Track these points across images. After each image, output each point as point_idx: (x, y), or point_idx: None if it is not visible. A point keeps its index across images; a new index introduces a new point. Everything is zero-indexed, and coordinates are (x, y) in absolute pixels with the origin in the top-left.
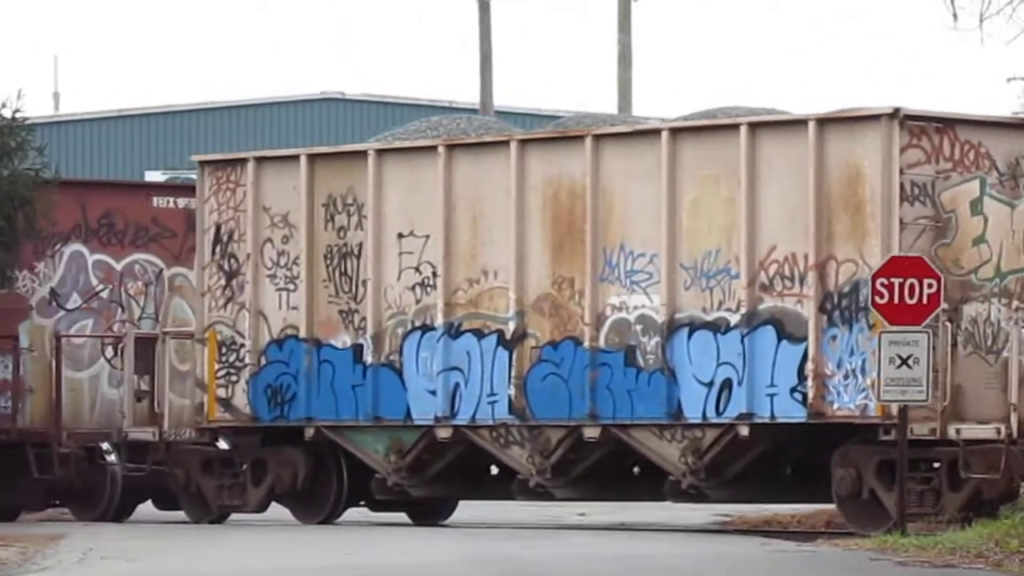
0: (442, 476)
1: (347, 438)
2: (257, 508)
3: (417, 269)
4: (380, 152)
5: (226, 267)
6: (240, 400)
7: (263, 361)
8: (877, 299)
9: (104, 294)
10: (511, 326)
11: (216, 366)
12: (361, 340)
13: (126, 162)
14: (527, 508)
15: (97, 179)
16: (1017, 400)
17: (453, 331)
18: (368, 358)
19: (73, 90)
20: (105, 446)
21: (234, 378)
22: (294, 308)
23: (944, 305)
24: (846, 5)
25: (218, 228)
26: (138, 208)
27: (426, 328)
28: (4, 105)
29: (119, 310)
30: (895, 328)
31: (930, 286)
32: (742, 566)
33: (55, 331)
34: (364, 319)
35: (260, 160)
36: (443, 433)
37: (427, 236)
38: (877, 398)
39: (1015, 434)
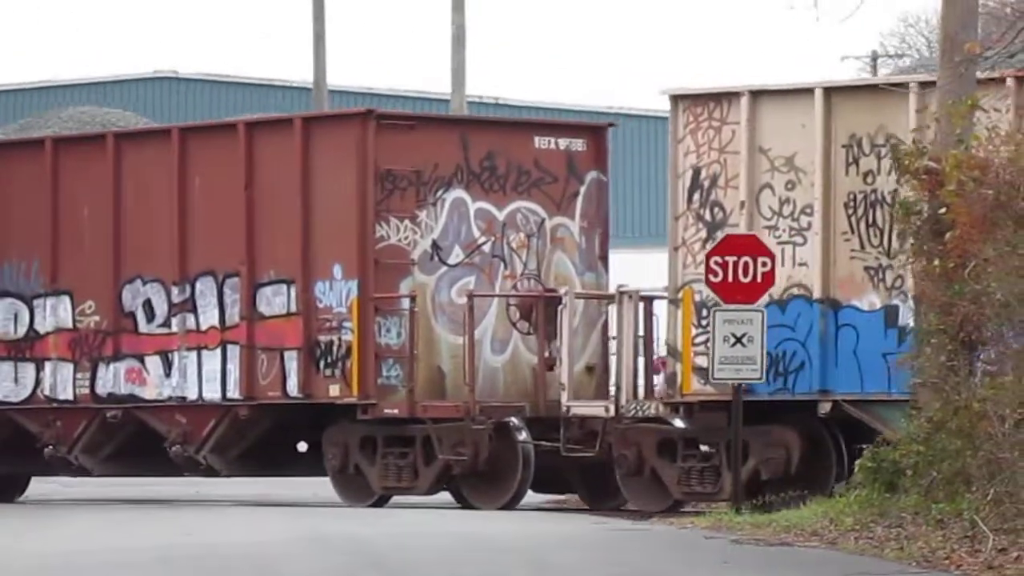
0: None
1: (876, 415)
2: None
3: None
4: (924, 85)
5: (707, 217)
6: None
7: None
8: (711, 277)
9: (486, 247)
10: None
11: (693, 331)
12: (896, 301)
13: None
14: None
15: (479, 116)
16: None
17: None
18: (908, 322)
19: None
20: (514, 421)
21: None
22: (802, 264)
23: None
24: None
25: (696, 172)
26: (520, 149)
27: None
28: None
29: (501, 265)
30: (729, 307)
31: (764, 264)
32: (582, 545)
33: (468, 291)
34: (899, 277)
35: (757, 94)
36: None
37: None
38: (712, 377)
39: None
